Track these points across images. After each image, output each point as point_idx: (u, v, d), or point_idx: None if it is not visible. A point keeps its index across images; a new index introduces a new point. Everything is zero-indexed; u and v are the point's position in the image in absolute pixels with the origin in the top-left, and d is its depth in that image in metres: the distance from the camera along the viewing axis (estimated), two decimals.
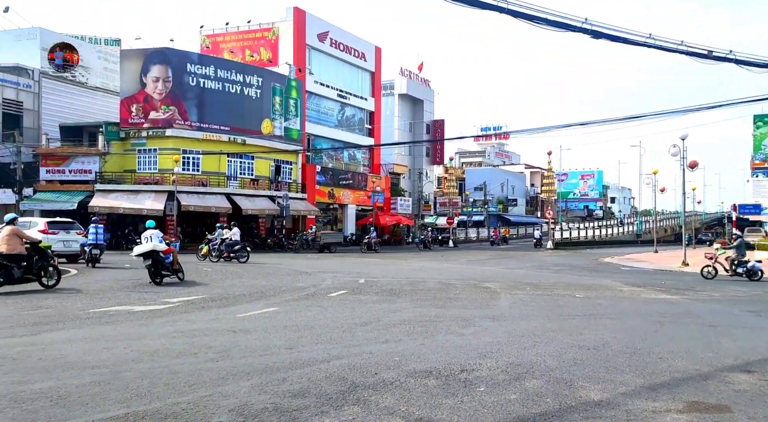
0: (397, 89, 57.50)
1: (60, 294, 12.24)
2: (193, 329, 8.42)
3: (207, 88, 35.99)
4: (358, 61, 49.09)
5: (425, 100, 59.99)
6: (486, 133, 77.17)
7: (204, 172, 36.01)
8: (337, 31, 46.80)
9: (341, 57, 47.21)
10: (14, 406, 4.74)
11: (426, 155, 60.86)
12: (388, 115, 55.26)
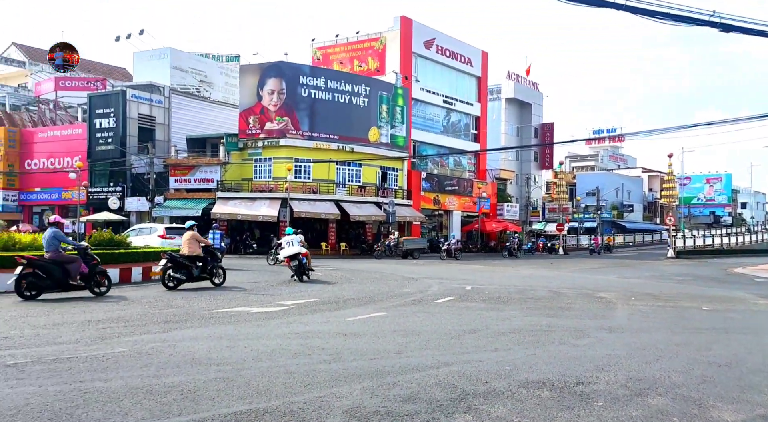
0: (504, 93, 56.54)
1: (223, 291, 13.19)
2: (307, 331, 8.73)
3: (318, 98, 37.34)
4: (464, 66, 48.82)
5: (533, 103, 58.50)
6: (599, 136, 73.82)
7: (314, 179, 37.34)
8: (444, 37, 46.87)
9: (447, 63, 47.20)
10: (149, 398, 5.15)
11: (534, 160, 59.27)
12: (494, 119, 54.47)
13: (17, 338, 7.76)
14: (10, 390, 5.27)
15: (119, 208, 37.31)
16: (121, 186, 38.47)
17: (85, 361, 6.44)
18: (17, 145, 42.09)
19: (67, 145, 40.48)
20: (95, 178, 39.38)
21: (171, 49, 44.76)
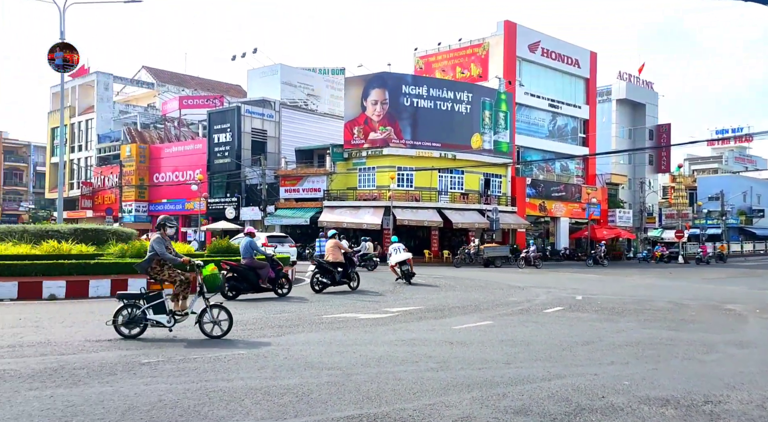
0: (614, 94, 54.00)
1: (358, 295, 13.71)
2: (413, 338, 8.77)
3: (420, 107, 37.60)
4: (571, 68, 47.19)
5: (647, 103, 55.35)
6: (723, 136, 68.42)
7: (417, 187, 37.56)
8: (549, 39, 45.62)
9: (553, 66, 45.86)
10: (267, 399, 5.40)
11: (649, 163, 55.97)
12: (604, 122, 52.10)
13: (151, 338, 8.43)
14: (145, 386, 5.73)
15: (235, 217, 39.54)
16: (237, 196, 40.76)
17: (209, 362, 6.88)
18: (147, 160, 45.89)
19: (190, 159, 43.57)
20: (214, 189, 42.04)
21: (281, 65, 46.97)
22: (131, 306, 8.32)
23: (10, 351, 7.35)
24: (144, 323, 8.30)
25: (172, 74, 60.34)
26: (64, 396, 5.33)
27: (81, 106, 52.77)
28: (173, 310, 8.39)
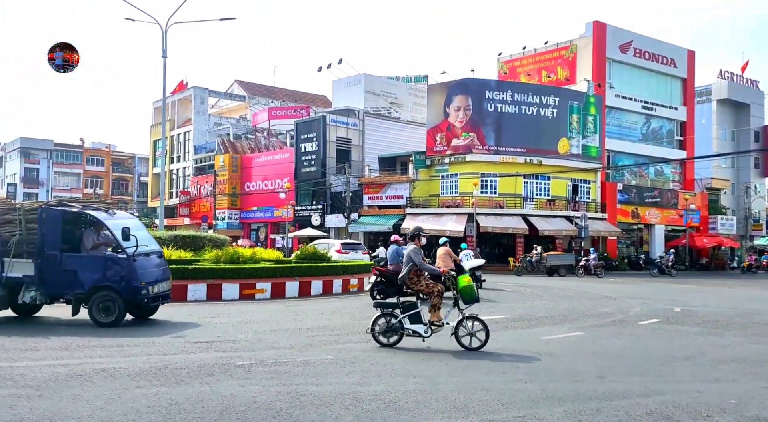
0: (715, 94, 50.78)
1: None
2: (499, 348, 8.62)
3: (504, 112, 37.01)
4: (667, 68, 44.87)
5: (752, 103, 51.60)
6: None
7: (501, 193, 36.93)
8: (642, 38, 43.64)
9: (646, 66, 43.80)
10: (356, 405, 5.49)
11: (754, 166, 52.12)
12: (703, 124, 49.05)
13: (243, 342, 8.80)
14: (240, 388, 5.99)
15: (320, 224, 40.49)
16: (322, 204, 41.75)
17: (299, 366, 7.08)
18: (238, 169, 47.97)
19: (278, 168, 45.12)
20: (300, 197, 43.28)
21: (365, 74, 47.73)
22: (388, 315, 8.38)
23: (119, 351, 7.90)
24: (401, 332, 8.32)
25: (262, 87, 62.85)
26: (167, 395, 5.66)
27: (180, 120, 56.01)
28: (431, 321, 8.34)
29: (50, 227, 10.19)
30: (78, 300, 10.16)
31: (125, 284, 9.99)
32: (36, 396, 5.55)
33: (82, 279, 10.05)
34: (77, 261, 10.26)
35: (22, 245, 10.14)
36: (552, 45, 43.98)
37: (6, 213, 10.45)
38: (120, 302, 9.96)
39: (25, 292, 10.22)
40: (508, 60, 46.60)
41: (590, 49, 41.16)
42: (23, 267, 10.14)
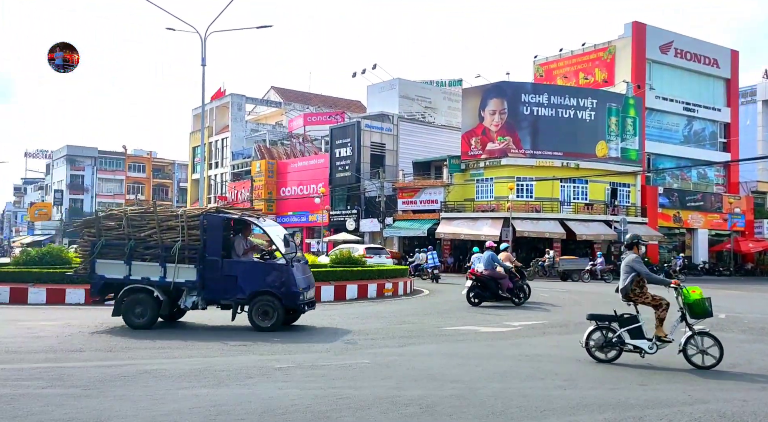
0: (760, 95, 49.23)
1: (523, 310, 13.81)
2: (537, 354, 8.53)
3: (540, 115, 36.61)
4: (709, 68, 43.72)
5: None
6: None
7: (537, 198, 36.50)
8: (683, 39, 42.64)
9: (688, 67, 42.75)
10: (393, 409, 5.50)
11: None
12: (748, 125, 47.58)
13: (281, 345, 8.91)
14: (278, 391, 6.07)
15: (355, 228, 40.69)
16: (357, 208, 41.96)
17: (336, 369, 7.14)
18: (274, 175, 48.61)
19: (313, 173, 45.55)
20: (335, 202, 43.59)
21: (399, 79, 47.84)
22: (604, 328, 7.91)
23: (162, 352, 8.10)
24: (619, 348, 7.83)
25: (297, 93, 63.60)
26: (208, 396, 5.78)
27: (218, 126, 57.11)
28: (657, 336, 7.73)
29: (212, 233, 10.39)
30: (237, 305, 10.36)
31: (285, 290, 10.18)
32: (84, 396, 5.73)
33: (242, 285, 10.28)
34: (237, 266, 10.49)
35: (184, 251, 10.29)
36: (589, 46, 43.33)
37: (168, 219, 10.59)
38: (279, 307, 10.13)
39: (187, 297, 10.42)
40: (544, 62, 46.11)
41: (629, 50, 40.42)
42: (186, 272, 10.32)
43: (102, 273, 10.56)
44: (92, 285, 10.81)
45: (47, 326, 10.48)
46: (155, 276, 10.33)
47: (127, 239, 10.46)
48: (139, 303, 10.27)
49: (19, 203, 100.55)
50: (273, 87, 63.40)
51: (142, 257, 10.44)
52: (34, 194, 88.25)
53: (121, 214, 10.71)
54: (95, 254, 10.50)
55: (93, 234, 10.73)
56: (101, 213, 11.25)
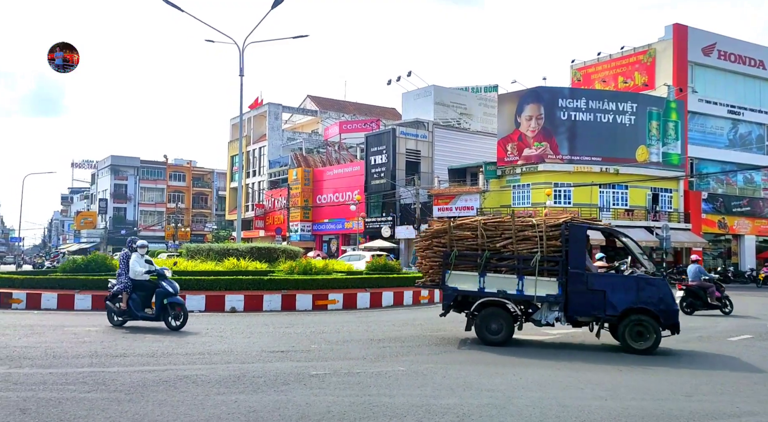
0: None
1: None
2: (576, 363, 8.36)
3: (578, 120, 36.06)
4: (755, 70, 42.36)
5: None
6: None
7: (576, 204, 35.88)
8: (726, 40, 41.46)
9: (732, 69, 41.53)
10: (428, 417, 5.47)
11: None
12: None
13: (317, 351, 8.95)
14: (314, 397, 6.10)
15: (390, 235, 40.71)
16: (392, 215, 41.99)
17: (371, 376, 7.14)
18: (311, 182, 49.10)
19: (348, 180, 45.83)
20: (370, 209, 43.72)
21: (434, 86, 47.80)
22: None
23: (200, 358, 8.23)
24: None
25: (333, 101, 64.19)
26: (246, 402, 5.85)
27: (255, 135, 58.03)
28: None
29: (575, 245, 9.68)
30: (603, 323, 9.79)
31: (663, 307, 9.35)
32: (126, 400, 5.87)
33: (613, 301, 9.47)
34: (606, 280, 9.81)
35: (543, 263, 9.72)
36: (629, 50, 42.52)
37: (523, 229, 10.01)
38: (656, 326, 9.30)
39: (547, 313, 9.86)
40: (581, 67, 45.44)
41: (670, 52, 39.50)
42: (546, 286, 9.69)
43: (454, 285, 10.11)
44: (445, 297, 10.36)
45: (92, 331, 10.78)
46: (511, 289, 9.76)
47: (480, 250, 10.01)
48: (494, 318, 9.79)
49: (66, 212, 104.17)
50: (309, 95, 64.14)
51: (496, 269, 9.94)
52: (80, 203, 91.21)
53: (475, 224, 10.25)
54: (449, 264, 10.14)
55: (443, 244, 10.36)
56: (451, 222, 10.65)
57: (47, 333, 10.65)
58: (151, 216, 75.59)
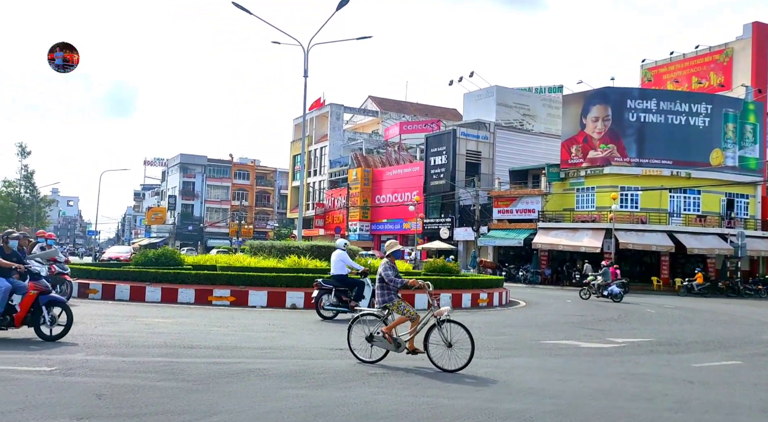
0: None
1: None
2: (644, 373, 8.08)
3: (647, 122, 34.81)
4: None
5: None
6: None
7: (643, 208, 34.66)
8: None
9: None
10: (489, 421, 5.41)
11: None
12: None
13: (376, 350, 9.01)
14: (375, 396, 6.15)
15: (449, 237, 40.50)
16: (451, 217, 41.76)
17: (429, 377, 7.13)
18: (370, 183, 49.51)
19: (407, 181, 45.91)
20: (429, 210, 43.64)
21: (497, 86, 47.25)
22: None
23: (266, 352, 8.46)
24: None
25: (394, 102, 64.44)
26: (309, 397, 5.97)
27: (317, 135, 59.00)
28: None
29: None
30: None
31: None
32: (195, 390, 6.10)
33: None
34: None
35: None
36: (704, 49, 40.77)
37: None
38: None
39: None
40: (653, 66, 43.89)
41: (749, 52, 37.64)
42: None
43: None
44: None
45: (162, 323, 11.25)
46: None
47: None
48: None
49: (138, 207, 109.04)
50: (370, 96, 64.63)
51: None
52: (151, 199, 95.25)
53: None
54: None
55: None
56: None
57: (122, 322, 11.20)
58: (217, 213, 78.08)
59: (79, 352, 7.92)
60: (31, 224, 58.74)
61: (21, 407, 5.24)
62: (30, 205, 55.34)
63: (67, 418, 4.99)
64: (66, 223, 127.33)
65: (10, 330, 8.70)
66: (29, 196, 55.00)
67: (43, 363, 7.12)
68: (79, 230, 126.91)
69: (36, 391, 5.79)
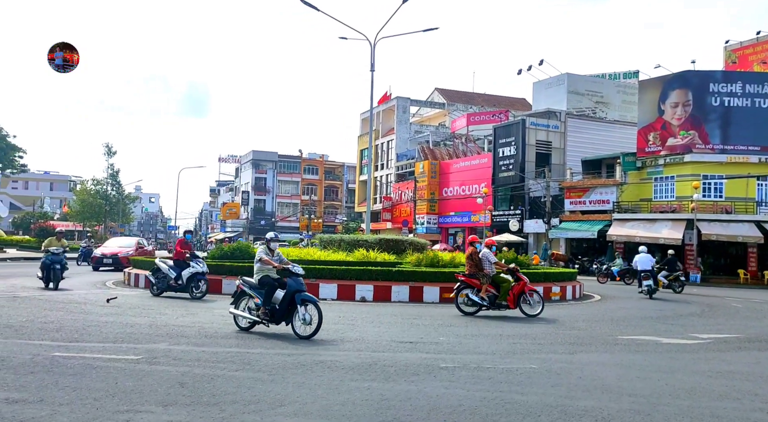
0: None
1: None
2: (731, 371, 7.61)
3: (732, 106, 32.79)
4: None
5: None
6: None
7: (728, 197, 32.71)
8: None
9: None
10: (564, 418, 5.24)
11: None
12: None
13: (446, 344, 8.96)
14: (444, 390, 6.10)
15: (518, 229, 39.71)
16: (520, 209, 40.90)
17: (501, 372, 7.00)
18: (437, 175, 49.21)
19: (475, 173, 45.31)
20: (498, 202, 42.92)
21: (568, 74, 45.76)
22: None
23: (334, 345, 8.57)
24: None
25: (460, 93, 63.72)
26: (378, 390, 5.99)
27: (383, 129, 59.21)
28: None
29: None
30: None
31: None
32: (268, 380, 6.25)
33: None
34: None
35: None
36: None
37: None
38: None
39: None
40: (737, 48, 41.30)
41: None
42: None
43: None
44: None
45: None
46: None
47: None
48: None
49: (213, 203, 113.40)
50: (437, 88, 64.17)
51: None
52: (226, 195, 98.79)
53: None
54: None
55: None
56: None
57: (200, 314, 11.65)
58: (287, 208, 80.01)
59: (163, 342, 8.30)
60: (117, 220, 62.21)
61: (111, 393, 5.54)
62: (116, 202, 58.56)
63: (153, 405, 5.23)
64: (148, 219, 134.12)
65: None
66: (115, 194, 58.18)
67: (130, 352, 7.51)
68: (160, 225, 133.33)
69: (124, 378, 6.11)
